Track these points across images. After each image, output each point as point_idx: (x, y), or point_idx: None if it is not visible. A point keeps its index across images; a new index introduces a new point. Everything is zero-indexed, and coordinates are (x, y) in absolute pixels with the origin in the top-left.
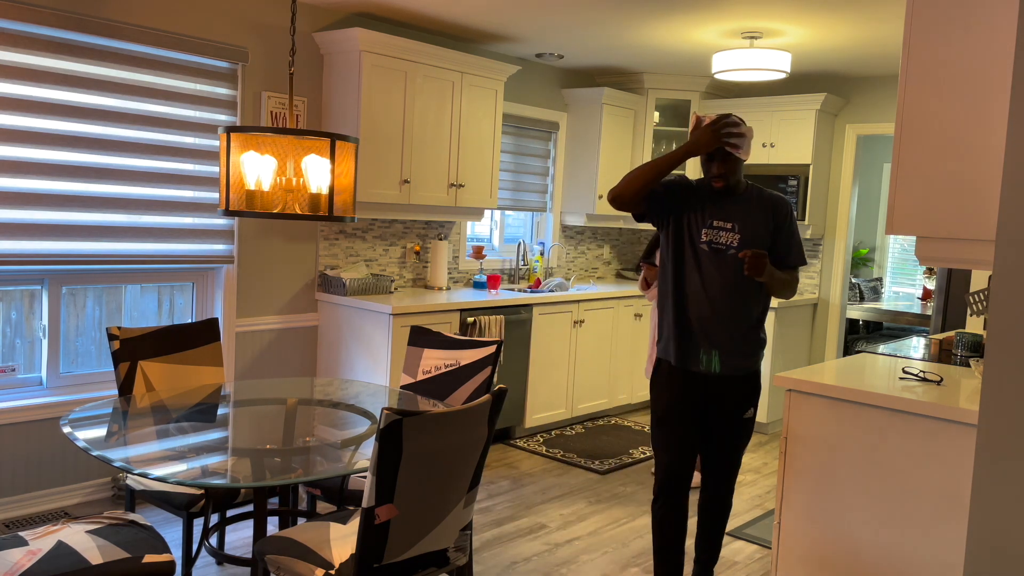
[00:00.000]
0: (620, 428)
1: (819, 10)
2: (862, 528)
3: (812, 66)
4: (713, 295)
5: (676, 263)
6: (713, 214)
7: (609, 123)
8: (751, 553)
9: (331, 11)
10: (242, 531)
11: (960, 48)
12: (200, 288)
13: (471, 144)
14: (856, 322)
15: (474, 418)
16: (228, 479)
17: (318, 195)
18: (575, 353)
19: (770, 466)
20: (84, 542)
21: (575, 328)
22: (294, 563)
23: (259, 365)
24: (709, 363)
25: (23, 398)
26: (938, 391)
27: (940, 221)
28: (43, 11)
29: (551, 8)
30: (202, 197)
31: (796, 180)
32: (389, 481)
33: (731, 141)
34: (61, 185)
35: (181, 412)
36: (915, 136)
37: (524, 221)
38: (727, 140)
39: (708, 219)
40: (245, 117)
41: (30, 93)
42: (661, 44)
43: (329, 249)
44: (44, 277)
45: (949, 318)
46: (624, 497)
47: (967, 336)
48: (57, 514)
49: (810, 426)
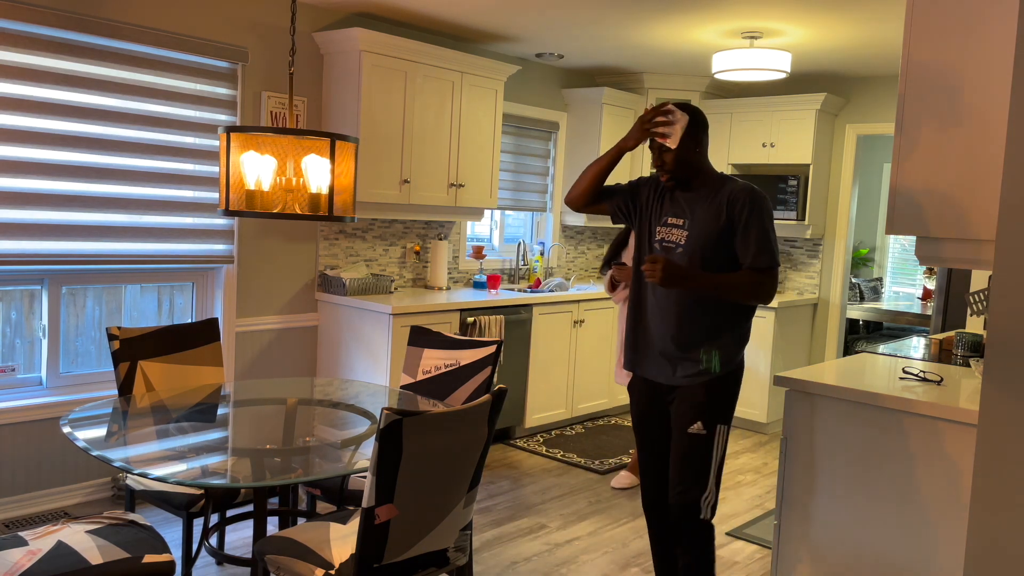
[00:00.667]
0: (620, 428)
1: (819, 10)
2: (862, 528)
3: (812, 66)
4: (660, 298)
5: (636, 264)
6: (667, 210)
7: (609, 123)
8: (751, 553)
9: (331, 11)
10: (242, 531)
11: (960, 49)
12: (200, 288)
13: (471, 144)
14: (856, 322)
15: (474, 418)
16: (228, 479)
17: (318, 195)
18: (575, 353)
19: (770, 466)
20: (84, 542)
21: (575, 328)
22: (294, 563)
23: (259, 365)
24: (660, 372)
25: (23, 398)
26: (938, 391)
27: (940, 221)
28: (43, 11)
29: (551, 8)
30: (202, 197)
31: (796, 180)
32: (389, 481)
33: (657, 131)
34: (61, 185)
35: (181, 412)
36: (915, 136)
37: (524, 221)
38: (653, 130)
39: (664, 216)
40: (245, 117)
41: (30, 93)
42: (661, 44)
43: (329, 249)
44: (44, 277)
45: (949, 318)
46: (624, 497)
47: (967, 336)
48: (57, 514)
49: (810, 426)
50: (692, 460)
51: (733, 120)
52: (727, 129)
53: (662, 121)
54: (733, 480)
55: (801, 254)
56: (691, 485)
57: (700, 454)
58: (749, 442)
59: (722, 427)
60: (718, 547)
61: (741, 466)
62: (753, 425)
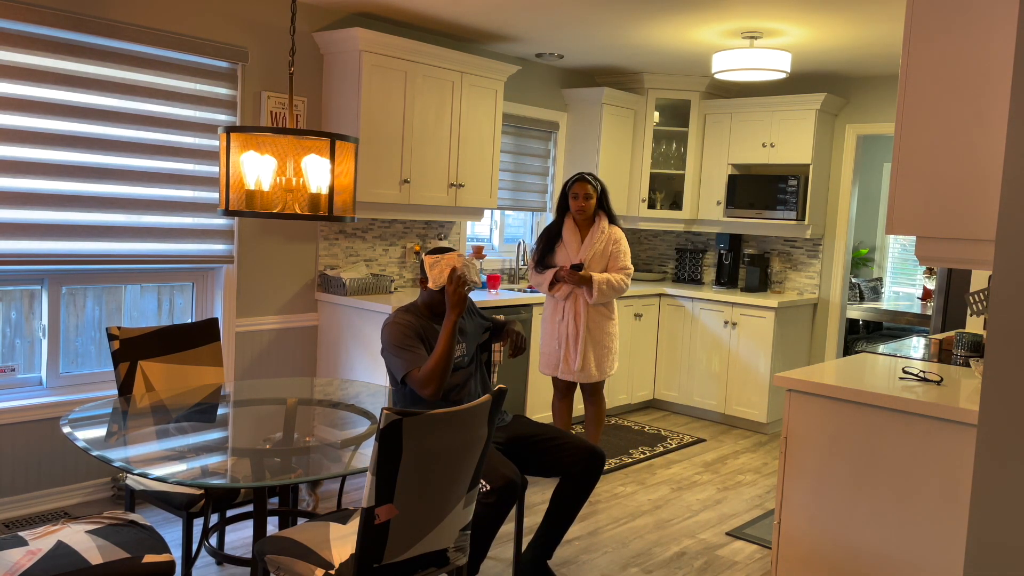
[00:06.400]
0: (620, 428)
1: (819, 10)
2: (862, 528)
3: (812, 66)
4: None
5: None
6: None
7: (609, 123)
8: (751, 553)
9: (331, 11)
10: (242, 531)
11: (960, 48)
12: (200, 288)
13: (471, 144)
14: (856, 322)
15: (474, 418)
16: (228, 479)
17: (318, 195)
18: None
19: (770, 466)
20: (84, 542)
21: None
22: (294, 563)
23: (259, 365)
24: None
25: (23, 398)
26: (938, 391)
27: (940, 221)
28: (43, 11)
29: (551, 8)
30: (202, 197)
31: (796, 180)
32: (389, 481)
33: (463, 290)
34: (61, 185)
35: (181, 412)
36: (915, 136)
37: (524, 221)
38: (462, 291)
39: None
40: (245, 117)
41: (30, 93)
42: (661, 44)
43: (329, 249)
44: (44, 277)
45: (949, 318)
46: (624, 497)
47: (967, 336)
48: (57, 514)
49: (810, 426)
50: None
51: (733, 120)
52: (727, 129)
53: (467, 282)
54: (733, 480)
55: (801, 254)
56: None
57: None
58: (749, 442)
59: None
60: (718, 546)
61: (741, 466)
62: (753, 425)
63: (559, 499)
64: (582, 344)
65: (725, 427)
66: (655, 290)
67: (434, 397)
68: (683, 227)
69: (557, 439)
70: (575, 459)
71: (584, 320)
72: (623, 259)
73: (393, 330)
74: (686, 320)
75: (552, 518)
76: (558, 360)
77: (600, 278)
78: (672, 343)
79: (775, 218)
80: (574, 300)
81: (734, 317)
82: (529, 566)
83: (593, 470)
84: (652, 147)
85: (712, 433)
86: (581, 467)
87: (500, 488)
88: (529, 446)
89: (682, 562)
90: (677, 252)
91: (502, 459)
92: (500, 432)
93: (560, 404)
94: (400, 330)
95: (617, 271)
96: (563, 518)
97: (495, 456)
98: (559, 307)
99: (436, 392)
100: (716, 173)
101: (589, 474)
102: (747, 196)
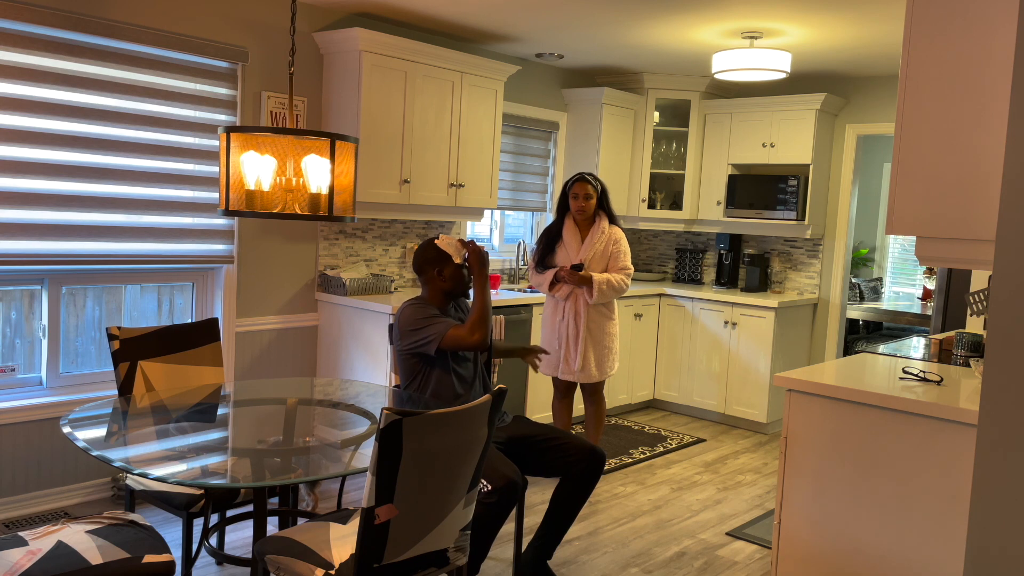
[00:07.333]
0: (620, 428)
1: (819, 10)
2: (862, 528)
3: (812, 66)
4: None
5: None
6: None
7: (609, 123)
8: (751, 553)
9: (331, 11)
10: (242, 531)
11: (960, 48)
12: (200, 288)
13: (471, 144)
14: (856, 322)
15: (474, 418)
16: (228, 479)
17: (318, 195)
18: None
19: (770, 466)
20: (84, 542)
21: None
22: (294, 563)
23: (259, 365)
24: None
25: (23, 398)
26: (938, 391)
27: (940, 221)
28: (43, 11)
29: (551, 8)
30: (202, 197)
31: (796, 180)
32: (389, 481)
33: (478, 247)
34: (61, 185)
35: (181, 412)
36: (915, 136)
37: (524, 221)
38: (478, 247)
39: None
40: (245, 117)
41: (30, 93)
42: (661, 44)
43: (329, 249)
44: (44, 277)
45: (949, 318)
46: (624, 497)
47: (967, 336)
48: (57, 514)
49: (810, 426)
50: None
51: (733, 120)
52: (727, 129)
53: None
54: (733, 480)
55: (801, 254)
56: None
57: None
58: (749, 442)
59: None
60: (718, 547)
61: (741, 466)
62: (753, 425)
63: (559, 499)
64: (582, 344)
65: (725, 427)
66: (655, 290)
67: (483, 344)
68: (683, 227)
69: (557, 439)
70: (575, 459)
71: (584, 320)
72: (623, 259)
73: (412, 310)
74: (686, 320)
75: (552, 518)
76: (558, 360)
77: (600, 278)
78: (672, 343)
79: (775, 218)
80: (574, 300)
81: (734, 317)
82: (529, 566)
83: (593, 470)
84: (652, 147)
85: (712, 433)
86: (581, 467)
87: (501, 488)
88: (529, 446)
89: (682, 562)
90: (677, 252)
91: (503, 459)
92: (500, 432)
93: (560, 404)
94: (419, 309)
95: (617, 271)
96: (563, 518)
97: (496, 456)
98: (559, 307)
99: (484, 337)
100: (716, 173)
101: (589, 474)
102: (747, 196)
